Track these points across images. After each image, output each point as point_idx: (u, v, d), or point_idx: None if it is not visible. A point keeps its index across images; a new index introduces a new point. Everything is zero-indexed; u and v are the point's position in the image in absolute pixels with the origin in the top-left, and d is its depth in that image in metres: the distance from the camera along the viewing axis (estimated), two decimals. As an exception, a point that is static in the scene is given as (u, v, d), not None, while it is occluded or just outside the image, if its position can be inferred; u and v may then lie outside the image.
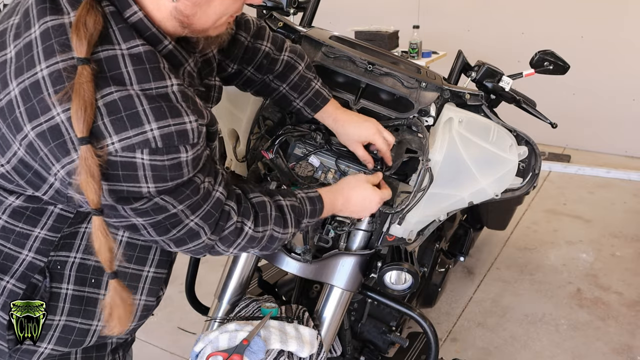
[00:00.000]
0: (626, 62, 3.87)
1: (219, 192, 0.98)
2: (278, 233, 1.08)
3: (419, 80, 1.33)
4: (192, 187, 0.91)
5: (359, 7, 4.56)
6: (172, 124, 0.84)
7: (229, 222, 1.00)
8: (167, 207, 0.90)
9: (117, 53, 0.83)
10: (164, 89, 0.85)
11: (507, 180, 1.32)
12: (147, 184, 0.85)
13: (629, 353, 2.30)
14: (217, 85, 1.13)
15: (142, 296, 1.09)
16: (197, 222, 0.95)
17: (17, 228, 0.96)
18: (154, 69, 0.85)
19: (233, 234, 1.01)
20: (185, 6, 0.87)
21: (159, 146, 0.83)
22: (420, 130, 1.29)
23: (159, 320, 2.52)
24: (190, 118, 0.86)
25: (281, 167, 1.32)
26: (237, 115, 1.44)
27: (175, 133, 0.84)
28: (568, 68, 1.41)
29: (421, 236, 1.40)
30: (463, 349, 2.34)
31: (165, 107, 0.84)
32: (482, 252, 3.02)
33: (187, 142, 0.86)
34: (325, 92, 1.27)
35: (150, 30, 0.87)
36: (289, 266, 1.35)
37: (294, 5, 1.60)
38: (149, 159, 0.83)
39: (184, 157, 0.87)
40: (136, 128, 0.81)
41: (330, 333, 1.35)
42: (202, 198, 0.94)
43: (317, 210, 1.15)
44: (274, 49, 1.24)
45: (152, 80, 0.84)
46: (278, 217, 1.08)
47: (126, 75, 0.83)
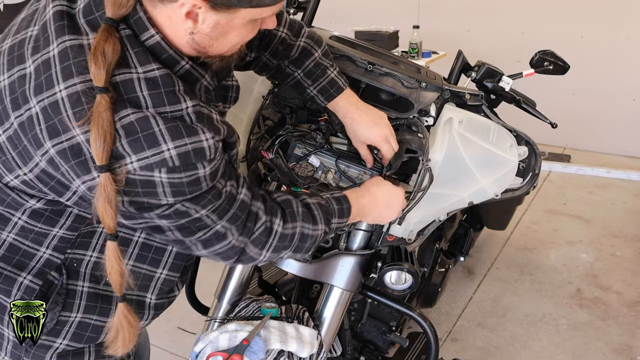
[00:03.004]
0: (626, 62, 3.87)
1: (244, 194, 0.98)
2: (308, 230, 1.08)
3: (419, 80, 1.33)
4: (213, 192, 0.92)
5: (359, 7, 4.56)
6: (188, 143, 0.85)
7: (258, 222, 1.00)
8: (189, 212, 0.91)
9: (134, 77, 0.84)
10: (179, 112, 0.86)
11: (507, 180, 1.32)
12: (166, 198, 0.87)
13: (629, 353, 2.30)
14: (234, 85, 1.13)
15: (152, 295, 1.11)
16: (224, 224, 0.95)
17: (36, 228, 0.98)
18: (169, 92, 0.86)
19: (263, 234, 1.01)
20: (202, 38, 0.88)
21: (176, 165, 0.84)
22: (420, 130, 1.29)
23: (159, 320, 2.51)
24: (207, 135, 0.87)
25: (281, 167, 1.32)
26: (237, 115, 1.44)
27: (192, 151, 0.85)
28: (568, 68, 1.41)
29: (421, 236, 1.40)
30: (463, 349, 2.34)
31: (181, 127, 0.85)
32: (482, 252, 3.02)
33: (205, 159, 0.87)
34: (341, 81, 1.25)
35: (167, 53, 0.88)
36: (289, 266, 1.36)
37: (294, 5, 1.60)
38: (167, 177, 0.85)
39: (202, 172, 0.88)
40: (153, 148, 0.83)
41: (330, 333, 1.35)
42: (226, 202, 0.95)
43: (344, 210, 1.14)
44: (291, 34, 1.23)
45: (167, 104, 0.85)
46: (305, 214, 1.08)
47: (142, 99, 0.84)
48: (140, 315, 1.10)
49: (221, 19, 0.86)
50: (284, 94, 1.37)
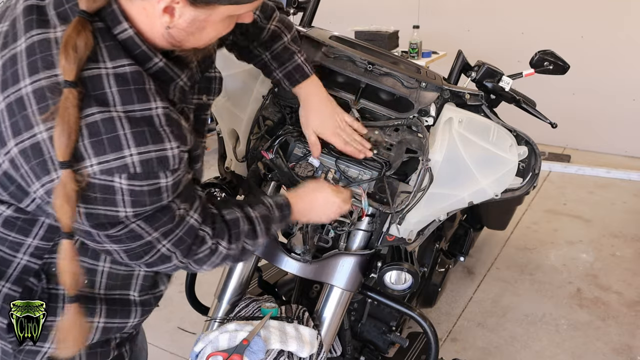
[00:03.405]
0: (626, 62, 3.87)
1: (193, 219, 0.96)
2: (250, 245, 1.09)
3: (419, 80, 1.33)
4: (169, 214, 0.90)
5: (359, 7, 4.56)
6: (152, 150, 0.82)
7: (203, 246, 1.00)
8: (142, 235, 0.89)
9: (102, 72, 0.82)
10: (148, 112, 0.83)
11: (507, 180, 1.32)
12: (124, 208, 0.84)
13: (629, 353, 2.30)
14: (217, 76, 1.12)
15: (135, 292, 1.09)
16: (169, 247, 0.94)
17: (9, 237, 0.96)
18: (139, 90, 0.83)
19: (208, 255, 1.01)
20: (178, 33, 0.86)
21: (137, 172, 0.82)
22: (420, 130, 1.29)
23: (159, 320, 2.52)
24: (172, 144, 0.85)
25: (281, 167, 1.32)
26: (237, 115, 1.44)
27: (155, 159, 0.83)
28: (568, 68, 1.41)
29: (421, 236, 1.40)
30: (463, 349, 2.34)
31: (147, 132, 0.82)
32: (482, 252, 3.02)
33: (168, 168, 0.85)
34: (307, 68, 1.25)
35: (140, 48, 0.86)
36: (289, 266, 1.36)
37: (294, 5, 1.60)
38: (127, 183, 0.82)
39: (164, 182, 0.86)
40: (116, 152, 0.80)
41: (330, 333, 1.35)
42: (175, 225, 0.93)
43: (285, 216, 1.15)
44: (262, 17, 1.22)
45: (137, 102, 0.82)
46: (250, 230, 1.08)
47: (110, 96, 0.81)
48: (128, 313, 1.08)
49: (199, 14, 0.84)
50: (284, 94, 1.37)
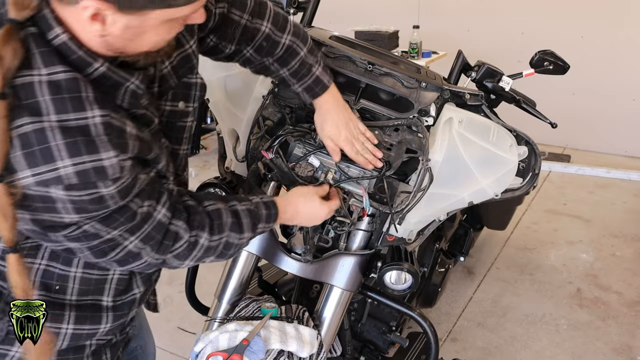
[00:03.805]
0: (626, 62, 3.87)
1: (161, 214, 0.94)
2: (234, 239, 1.07)
3: (419, 80, 1.33)
4: (127, 214, 0.88)
5: (359, 7, 4.56)
6: (87, 161, 0.80)
7: (179, 241, 0.98)
8: (100, 234, 0.87)
9: (35, 80, 0.78)
10: (84, 121, 0.80)
11: (507, 180, 1.32)
12: (69, 215, 0.83)
13: (629, 353, 2.30)
14: (198, 83, 1.09)
15: (108, 298, 1.07)
16: (137, 244, 0.92)
17: None
18: (73, 99, 0.80)
19: (187, 249, 1.00)
20: (114, 40, 0.82)
21: (73, 183, 0.79)
22: (420, 130, 1.29)
23: (159, 320, 2.52)
24: (110, 154, 0.81)
25: (281, 167, 1.32)
26: (237, 115, 1.44)
27: (92, 170, 0.80)
28: (568, 68, 1.41)
29: (421, 236, 1.40)
30: (463, 349, 2.34)
31: (80, 143, 0.79)
32: (482, 252, 3.02)
33: (107, 177, 0.82)
34: (325, 79, 1.23)
35: (76, 54, 0.81)
36: (289, 266, 1.36)
37: (294, 5, 1.60)
38: (65, 194, 0.80)
39: (105, 191, 0.83)
40: (48, 164, 0.78)
41: (330, 333, 1.35)
42: (141, 221, 0.91)
43: (272, 215, 1.14)
44: (275, 29, 1.18)
45: (71, 111, 0.79)
46: (234, 223, 1.06)
47: (43, 104, 0.78)
48: (99, 319, 1.06)
49: (132, 21, 0.79)
50: (284, 94, 1.37)
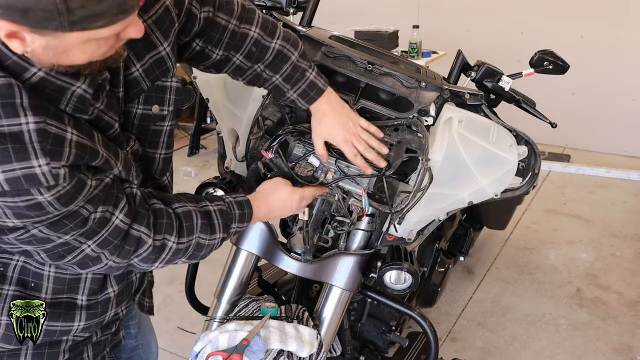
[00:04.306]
0: (626, 62, 3.87)
1: (119, 219, 0.94)
2: (205, 240, 1.06)
3: (419, 80, 1.33)
4: (77, 220, 0.88)
5: (359, 7, 4.56)
6: (17, 168, 0.79)
7: (143, 246, 0.98)
8: (51, 238, 0.87)
9: None
10: (17, 127, 0.79)
11: (507, 180, 1.32)
12: (11, 220, 0.83)
13: (629, 353, 2.30)
14: (173, 86, 1.07)
15: (83, 297, 1.07)
16: (94, 248, 0.92)
17: None
18: (6, 105, 0.78)
19: (154, 253, 1.00)
20: (40, 57, 0.79)
21: (6, 189, 0.79)
22: (420, 130, 1.29)
23: (159, 320, 2.52)
24: (41, 162, 0.80)
25: (281, 167, 1.32)
26: (237, 115, 1.44)
27: (22, 177, 0.79)
28: (568, 68, 1.41)
29: (421, 236, 1.40)
30: (463, 349, 2.34)
31: (11, 150, 0.78)
32: (482, 252, 3.02)
33: (40, 185, 0.81)
34: (320, 82, 1.21)
35: (10, 59, 0.80)
36: (289, 266, 1.35)
37: (294, 5, 1.59)
38: (0, 200, 0.80)
39: (42, 198, 0.82)
40: None
41: (330, 333, 1.35)
42: (96, 226, 0.91)
43: (246, 215, 1.13)
44: (265, 34, 1.16)
45: (4, 117, 0.78)
46: (204, 225, 1.05)
47: None
48: (72, 317, 1.06)
49: (50, 41, 0.76)
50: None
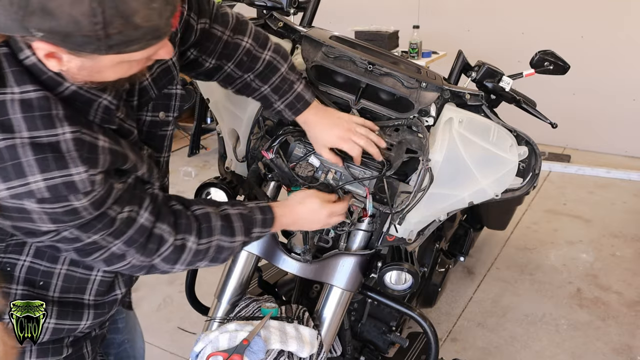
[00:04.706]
0: (626, 62, 3.87)
1: (144, 218, 0.97)
2: (225, 242, 1.08)
3: (419, 80, 1.33)
4: (105, 220, 0.91)
5: (359, 7, 4.56)
6: (57, 176, 0.82)
7: (164, 244, 1.00)
8: (80, 238, 0.90)
9: (7, 98, 0.81)
10: (55, 137, 0.83)
11: (507, 180, 1.32)
12: (45, 224, 0.85)
13: (629, 353, 2.30)
14: (178, 93, 1.11)
15: (90, 297, 1.09)
16: (120, 246, 0.95)
17: None
18: (44, 116, 0.82)
19: (174, 253, 1.01)
20: (74, 75, 0.83)
21: (45, 197, 0.82)
22: (421, 130, 1.29)
23: (159, 320, 2.52)
24: (79, 169, 0.84)
25: (281, 167, 1.31)
26: (237, 115, 1.44)
27: (62, 185, 0.83)
28: (568, 68, 1.41)
29: (421, 236, 1.40)
30: (463, 349, 2.34)
31: (50, 159, 0.82)
32: (482, 252, 3.02)
33: (78, 192, 0.85)
34: (307, 95, 1.23)
35: (46, 74, 0.84)
36: (289, 266, 1.35)
37: (294, 5, 1.59)
38: (38, 206, 0.83)
39: (78, 204, 0.86)
40: (20, 179, 0.81)
41: (330, 333, 1.35)
42: (122, 225, 0.93)
43: (267, 220, 1.14)
44: (256, 45, 1.20)
45: (42, 129, 0.82)
46: (224, 227, 1.07)
47: (15, 122, 0.81)
48: (80, 315, 1.08)
49: (85, 62, 0.80)
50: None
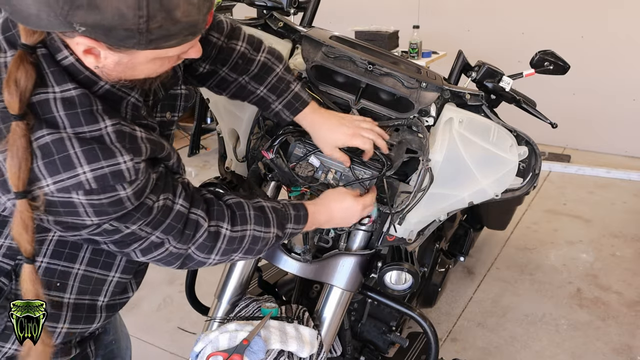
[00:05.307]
0: (626, 62, 3.87)
1: (179, 204, 0.98)
2: (260, 232, 1.08)
3: (419, 80, 1.33)
4: (142, 209, 0.91)
5: (359, 7, 4.56)
6: (105, 166, 0.84)
7: (199, 229, 1.00)
8: (120, 229, 0.91)
9: (50, 97, 0.83)
10: (98, 132, 0.85)
11: (507, 180, 1.32)
12: (89, 218, 0.87)
13: (629, 353, 2.30)
14: (183, 93, 1.12)
15: (104, 298, 1.10)
16: (159, 235, 0.96)
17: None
18: (86, 112, 0.84)
19: (209, 239, 1.02)
20: (109, 71, 0.86)
21: (93, 187, 0.84)
22: (421, 130, 1.29)
23: (159, 320, 2.52)
24: (125, 158, 0.86)
25: (282, 167, 1.31)
26: (237, 115, 1.44)
27: (109, 174, 0.85)
28: (568, 68, 1.41)
29: (421, 236, 1.40)
30: (463, 349, 2.34)
31: (97, 150, 0.84)
32: (482, 252, 3.02)
33: (124, 180, 0.86)
34: (305, 95, 1.24)
35: (83, 74, 0.86)
36: (289, 266, 1.36)
37: (294, 5, 1.59)
38: (86, 198, 0.84)
39: (123, 194, 0.87)
40: (69, 171, 0.82)
41: (330, 333, 1.35)
42: (160, 215, 0.94)
43: (301, 217, 1.15)
44: (251, 48, 1.21)
45: (85, 124, 0.84)
46: (258, 216, 1.08)
47: (59, 119, 0.83)
48: (92, 319, 1.09)
49: (122, 57, 0.83)
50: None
